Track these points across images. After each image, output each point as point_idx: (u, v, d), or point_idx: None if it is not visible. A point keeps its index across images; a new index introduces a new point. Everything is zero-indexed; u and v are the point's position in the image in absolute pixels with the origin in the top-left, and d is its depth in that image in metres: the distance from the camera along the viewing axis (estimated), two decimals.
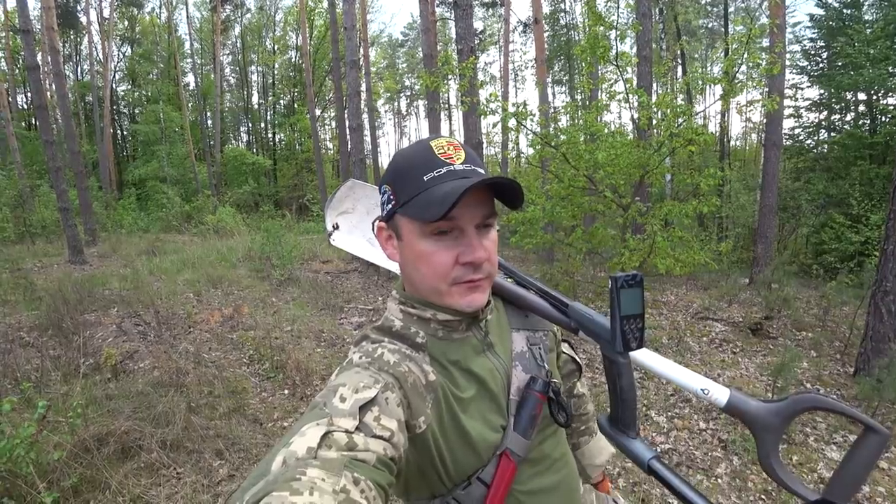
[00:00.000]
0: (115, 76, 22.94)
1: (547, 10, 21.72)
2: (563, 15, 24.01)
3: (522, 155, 6.36)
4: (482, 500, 0.66)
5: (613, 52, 4.51)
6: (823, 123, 11.74)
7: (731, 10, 16.96)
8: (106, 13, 21.31)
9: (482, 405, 0.69)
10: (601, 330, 0.68)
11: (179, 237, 12.80)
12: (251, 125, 27.31)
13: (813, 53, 12.02)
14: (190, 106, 22.68)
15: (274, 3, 25.05)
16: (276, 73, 26.24)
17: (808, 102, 11.74)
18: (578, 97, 20.44)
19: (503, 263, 0.80)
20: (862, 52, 9.63)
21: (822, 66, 11.84)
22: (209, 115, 22.92)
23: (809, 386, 3.93)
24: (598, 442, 1.04)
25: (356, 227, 1.05)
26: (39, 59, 10.74)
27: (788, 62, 11.79)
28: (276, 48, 25.75)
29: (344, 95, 11.14)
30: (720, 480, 2.73)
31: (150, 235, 12.77)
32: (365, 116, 16.24)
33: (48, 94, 14.61)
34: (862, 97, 10.82)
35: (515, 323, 0.79)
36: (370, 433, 0.52)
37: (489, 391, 0.70)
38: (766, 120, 8.60)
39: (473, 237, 0.64)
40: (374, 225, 0.74)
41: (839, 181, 10.00)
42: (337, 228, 1.05)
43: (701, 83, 5.37)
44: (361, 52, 15.60)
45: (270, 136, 26.67)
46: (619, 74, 4.58)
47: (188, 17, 22.27)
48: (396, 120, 40.07)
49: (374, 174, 17.93)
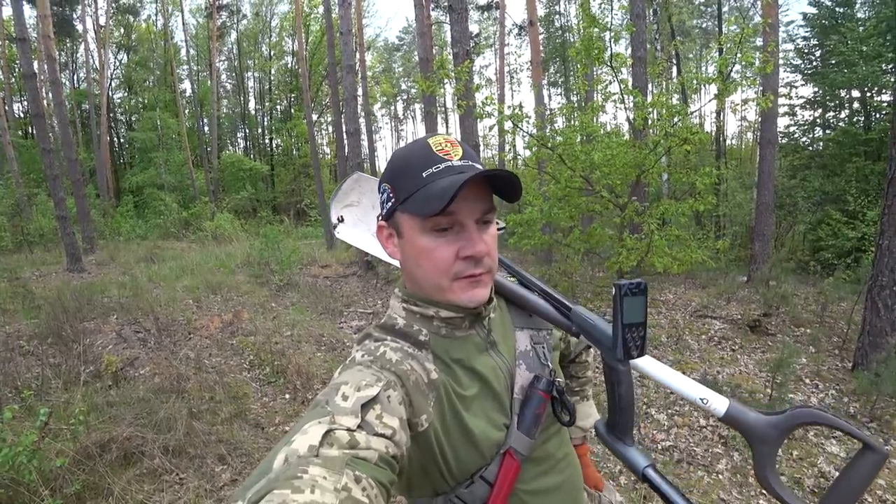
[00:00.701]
0: (111, 84, 22.95)
1: (542, 12, 21.80)
2: (558, 17, 24.12)
3: (519, 157, 6.39)
4: (485, 498, 0.66)
5: (608, 53, 4.53)
6: (818, 121, 11.78)
7: (724, 10, 17.04)
8: (102, 21, 21.31)
9: (485, 403, 0.69)
10: (602, 336, 0.67)
11: (178, 244, 12.80)
12: (248, 131, 27.32)
13: (806, 52, 12.07)
14: (187, 112, 22.70)
15: (270, 8, 25.11)
16: (272, 78, 26.27)
17: (802, 100, 11.77)
18: (574, 98, 20.52)
19: (506, 262, 0.80)
20: (855, 49, 9.68)
21: (815, 64, 11.88)
22: (206, 121, 22.93)
23: (808, 382, 3.95)
24: (586, 408, 1.03)
25: (361, 220, 1.03)
26: (36, 67, 10.76)
27: (782, 61, 11.85)
28: (272, 54, 25.79)
29: (340, 100, 11.18)
30: (721, 476, 2.74)
31: (148, 242, 12.78)
32: (362, 121, 16.28)
33: (45, 102, 14.58)
34: (856, 94, 10.86)
35: (519, 321, 0.79)
36: (372, 431, 0.52)
37: (492, 390, 0.70)
38: (760, 118, 8.64)
39: (473, 231, 0.64)
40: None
41: (835, 178, 10.03)
42: (342, 221, 1.03)
43: (696, 83, 5.39)
44: (357, 56, 15.63)
45: (268, 141, 26.69)
46: (613, 76, 4.60)
47: (184, 24, 22.30)
48: (393, 124, 40.11)
49: None
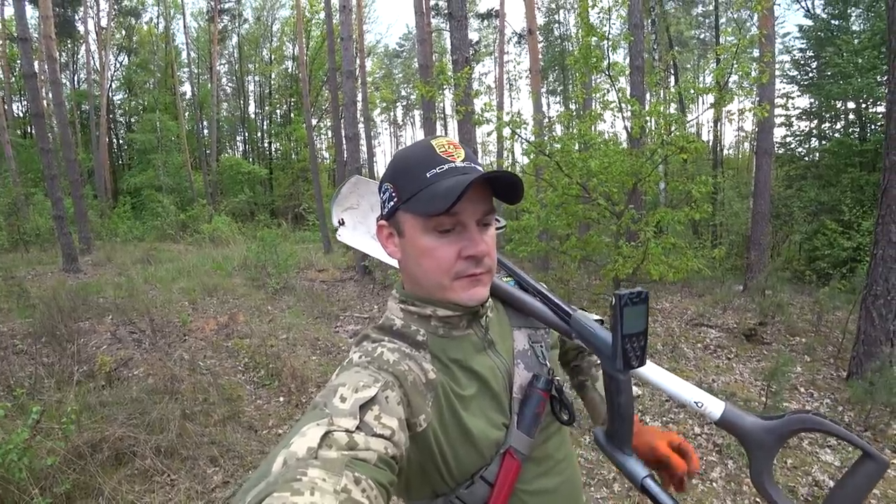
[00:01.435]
0: (111, 85, 23.00)
1: (541, 21, 22.00)
2: (557, 26, 24.34)
3: (517, 164, 6.42)
4: (486, 499, 0.65)
5: (606, 62, 4.57)
6: (814, 131, 11.86)
7: (722, 21, 17.21)
8: (104, 22, 21.40)
9: (484, 403, 0.68)
10: (602, 346, 0.66)
11: (175, 246, 12.77)
12: (247, 134, 27.36)
13: (802, 63, 12.18)
14: (186, 115, 22.75)
15: (271, 13, 25.25)
16: (272, 82, 26.37)
17: (798, 111, 11.87)
18: (573, 107, 20.65)
19: (505, 263, 0.80)
20: (850, 61, 9.78)
21: (811, 75, 11.99)
22: (206, 124, 22.97)
23: (803, 391, 3.95)
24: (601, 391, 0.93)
25: (361, 222, 1.04)
26: (36, 67, 10.77)
27: (779, 72, 11.95)
28: (272, 58, 25.89)
29: (340, 105, 11.23)
30: (715, 485, 2.74)
31: (145, 244, 12.75)
32: (361, 126, 16.33)
33: (45, 102, 14.59)
34: (851, 106, 10.95)
35: (516, 321, 0.79)
36: (371, 432, 0.52)
37: (490, 389, 0.69)
38: (757, 128, 8.71)
39: (475, 232, 0.65)
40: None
41: (830, 188, 10.09)
42: (343, 224, 1.04)
43: (693, 92, 5.44)
44: (358, 62, 15.71)
45: (267, 145, 26.74)
46: (611, 84, 4.64)
47: (185, 27, 22.36)
48: (392, 129, 40.23)
49: None
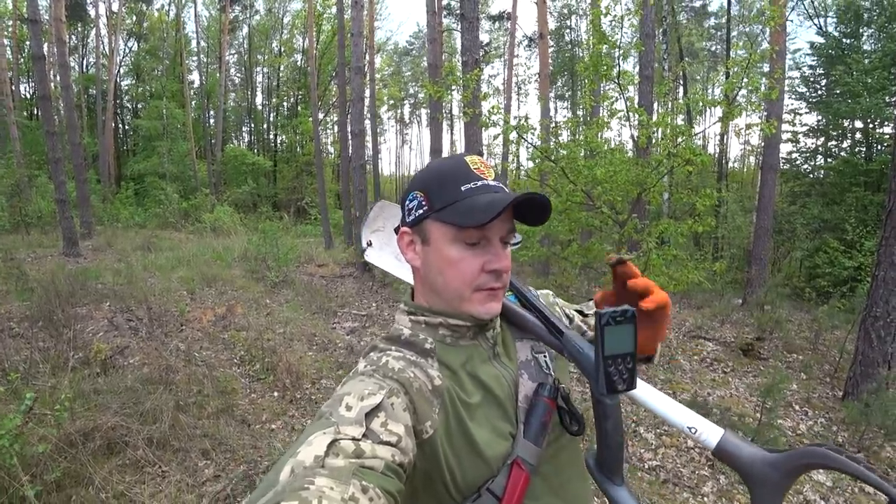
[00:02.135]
0: (120, 70, 23.03)
1: (553, 25, 21.99)
2: (568, 31, 24.35)
3: (522, 168, 6.40)
4: None
5: (616, 70, 4.55)
6: (820, 149, 11.86)
7: (733, 34, 17.20)
8: (115, 7, 21.43)
9: (490, 412, 0.68)
10: (588, 366, 0.63)
11: (176, 234, 12.78)
12: (253, 126, 27.38)
13: (812, 80, 12.19)
14: (193, 104, 22.72)
15: (282, 5, 25.25)
16: (281, 75, 26.38)
17: (805, 128, 11.89)
18: (580, 113, 20.63)
19: (514, 283, 0.80)
20: (860, 81, 9.77)
21: (820, 93, 11.99)
22: (212, 113, 23.00)
23: (798, 408, 3.94)
24: None
25: (387, 244, 1.11)
26: (46, 49, 10.76)
27: (788, 88, 11.94)
28: (282, 50, 25.91)
29: (347, 100, 11.22)
30: (706, 499, 2.73)
31: (146, 231, 12.75)
32: (367, 122, 16.30)
33: (52, 84, 14.59)
34: (859, 125, 10.95)
35: (518, 333, 0.79)
36: (377, 439, 0.52)
37: (496, 398, 0.69)
38: (763, 143, 8.71)
39: (499, 248, 0.67)
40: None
41: (834, 206, 10.09)
42: (371, 245, 1.13)
43: (701, 105, 5.42)
44: (367, 58, 15.70)
45: (272, 137, 26.75)
46: (620, 93, 4.62)
47: (196, 15, 22.36)
48: (399, 127, 40.25)
49: (374, 180, 17.94)
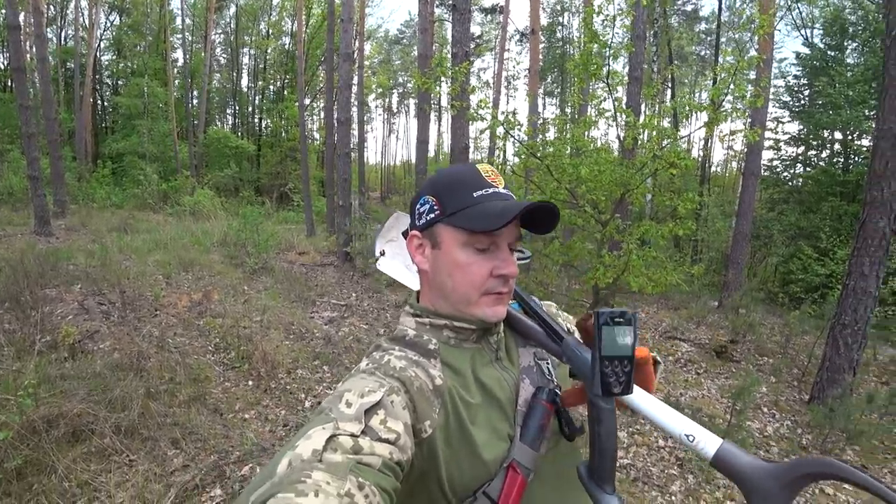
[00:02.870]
0: (100, 45, 22.23)
1: (545, 21, 21.98)
2: (560, 28, 24.34)
3: (508, 163, 6.39)
4: None
5: (605, 70, 4.56)
6: (800, 158, 12.13)
7: (723, 40, 17.39)
8: None
9: (490, 413, 0.68)
10: (583, 366, 0.62)
11: (154, 216, 12.48)
12: (238, 108, 26.77)
13: (796, 90, 12.42)
14: (176, 83, 22.09)
15: None
16: (268, 57, 25.82)
17: (787, 136, 12.13)
18: (568, 111, 20.70)
19: (517, 291, 0.79)
20: (842, 93, 10.00)
21: (803, 102, 12.24)
22: (195, 93, 22.37)
23: (766, 410, 4.05)
24: None
25: (398, 253, 1.17)
26: (22, 19, 10.34)
27: (772, 96, 12.17)
28: (270, 32, 25.32)
29: (335, 87, 11.05)
30: (674, 498, 2.78)
31: (123, 212, 12.40)
32: (354, 110, 16.13)
33: (28, 56, 14.04)
34: (838, 136, 11.21)
35: (521, 340, 0.80)
36: (375, 437, 0.52)
37: (497, 399, 0.69)
38: (746, 150, 8.85)
39: (507, 253, 0.70)
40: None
41: (811, 214, 10.35)
42: (384, 254, 1.18)
43: (688, 109, 5.48)
44: (356, 45, 15.49)
45: (257, 121, 26.21)
46: (608, 93, 4.63)
47: None
48: (386, 116, 39.94)
49: (358, 169, 17.76)
